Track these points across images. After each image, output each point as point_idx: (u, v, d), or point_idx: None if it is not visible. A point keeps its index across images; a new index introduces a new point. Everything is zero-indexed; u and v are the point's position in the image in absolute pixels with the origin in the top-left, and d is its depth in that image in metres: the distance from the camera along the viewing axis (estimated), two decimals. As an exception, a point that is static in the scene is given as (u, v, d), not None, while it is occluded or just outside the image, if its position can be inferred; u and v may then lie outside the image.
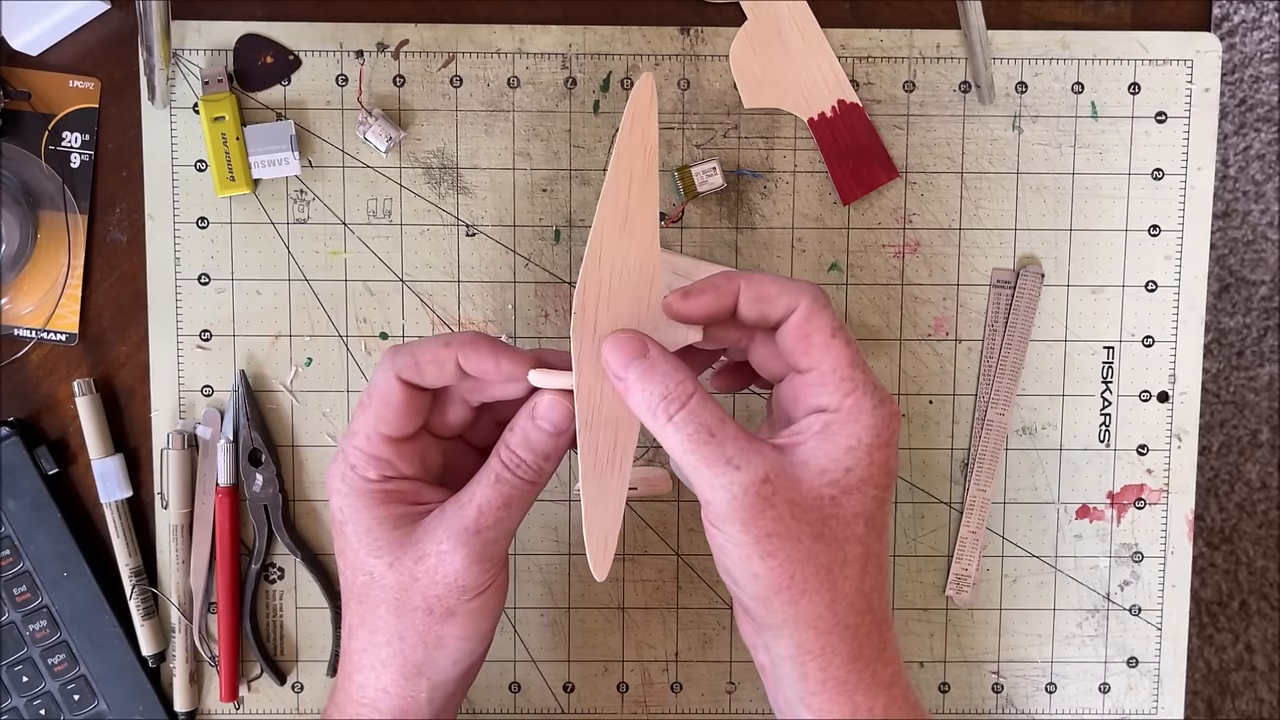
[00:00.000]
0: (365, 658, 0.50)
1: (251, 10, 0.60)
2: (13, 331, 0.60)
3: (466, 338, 0.48)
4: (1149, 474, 0.62)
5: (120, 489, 0.60)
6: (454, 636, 0.49)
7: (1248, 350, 1.34)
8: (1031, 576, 0.63)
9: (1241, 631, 1.34)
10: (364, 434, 0.49)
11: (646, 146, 0.47)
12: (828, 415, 0.46)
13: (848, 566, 0.46)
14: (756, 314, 0.48)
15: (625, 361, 0.46)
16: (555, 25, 0.60)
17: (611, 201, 0.47)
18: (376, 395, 0.48)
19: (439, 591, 0.48)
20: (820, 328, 0.47)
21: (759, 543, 0.45)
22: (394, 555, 0.48)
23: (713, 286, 0.48)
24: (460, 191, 0.60)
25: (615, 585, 0.62)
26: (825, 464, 0.46)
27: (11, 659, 0.61)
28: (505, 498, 0.48)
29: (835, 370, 0.46)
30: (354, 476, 0.49)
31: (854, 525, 0.46)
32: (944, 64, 0.60)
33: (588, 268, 0.47)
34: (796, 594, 0.46)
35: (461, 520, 0.48)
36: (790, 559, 0.45)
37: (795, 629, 0.47)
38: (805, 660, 0.47)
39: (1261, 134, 1.33)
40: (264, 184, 0.60)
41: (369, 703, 0.50)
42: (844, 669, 0.47)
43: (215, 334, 0.61)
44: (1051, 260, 0.61)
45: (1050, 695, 0.63)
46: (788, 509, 0.45)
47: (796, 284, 0.48)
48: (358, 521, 0.49)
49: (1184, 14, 0.61)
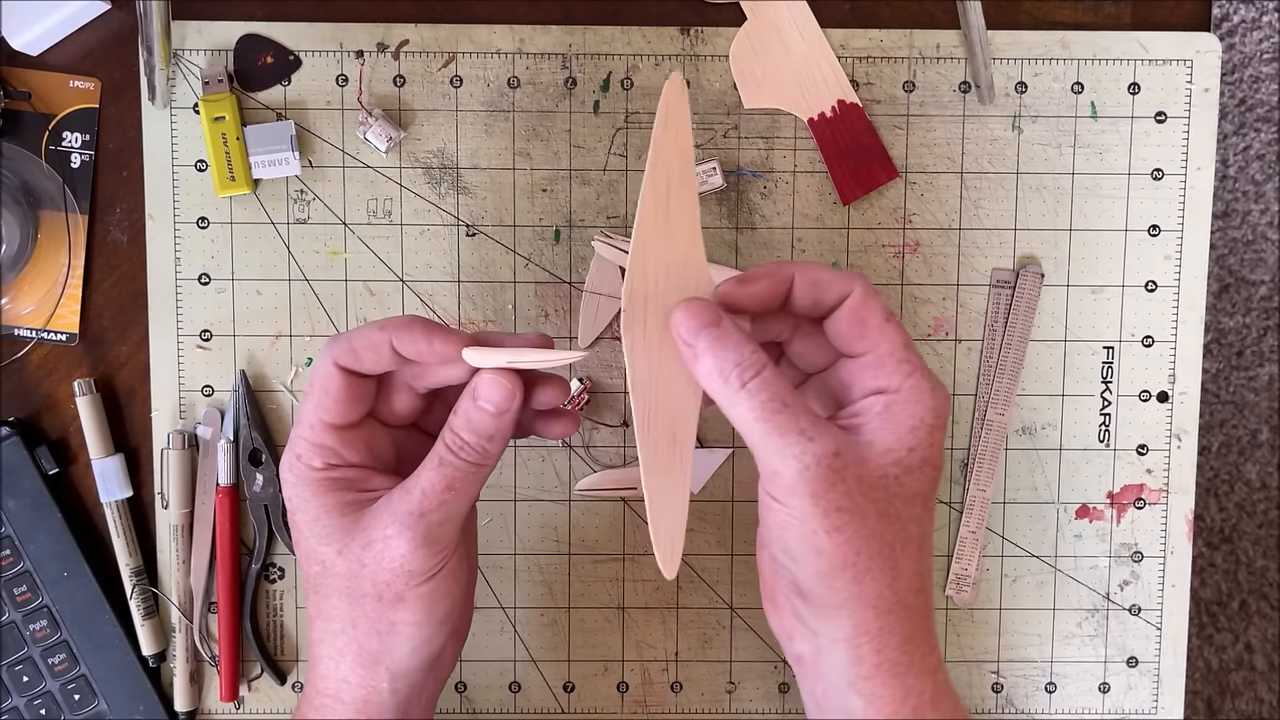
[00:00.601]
0: (324, 647, 0.50)
1: (251, 10, 0.60)
2: (13, 331, 0.60)
3: (401, 320, 0.48)
4: (1149, 474, 0.62)
5: (120, 489, 0.60)
6: (406, 623, 0.49)
7: (1248, 350, 1.34)
8: (1031, 576, 0.63)
9: (1241, 631, 1.34)
10: (307, 423, 0.49)
11: (682, 145, 0.47)
12: (889, 396, 0.46)
13: (908, 546, 0.47)
14: (810, 300, 0.48)
15: (697, 328, 0.46)
16: (555, 25, 0.60)
17: (651, 201, 0.47)
18: (317, 384, 0.48)
19: (386, 577, 0.48)
20: (875, 311, 0.47)
21: (827, 516, 0.45)
22: (342, 542, 0.48)
23: (767, 273, 0.48)
24: (460, 191, 0.60)
25: (615, 585, 0.62)
26: (890, 443, 0.46)
27: (11, 659, 0.61)
28: (449, 480, 0.48)
29: (893, 353, 0.47)
30: (300, 465, 0.49)
31: (914, 505, 0.46)
32: (944, 64, 0.60)
33: (633, 267, 0.47)
34: (861, 571, 0.46)
35: (406, 504, 0.48)
36: (857, 535, 0.45)
37: (856, 608, 0.46)
38: (861, 642, 0.47)
39: (1261, 134, 1.33)
40: (264, 184, 0.60)
41: (332, 693, 0.50)
42: (898, 650, 0.47)
43: (215, 334, 0.61)
44: (1051, 260, 0.61)
45: (1050, 695, 0.63)
46: (856, 485, 0.45)
47: (847, 272, 0.48)
48: (306, 510, 0.49)
49: (1184, 14, 0.61)
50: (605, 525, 0.62)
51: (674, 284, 0.47)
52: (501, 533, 0.62)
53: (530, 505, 0.62)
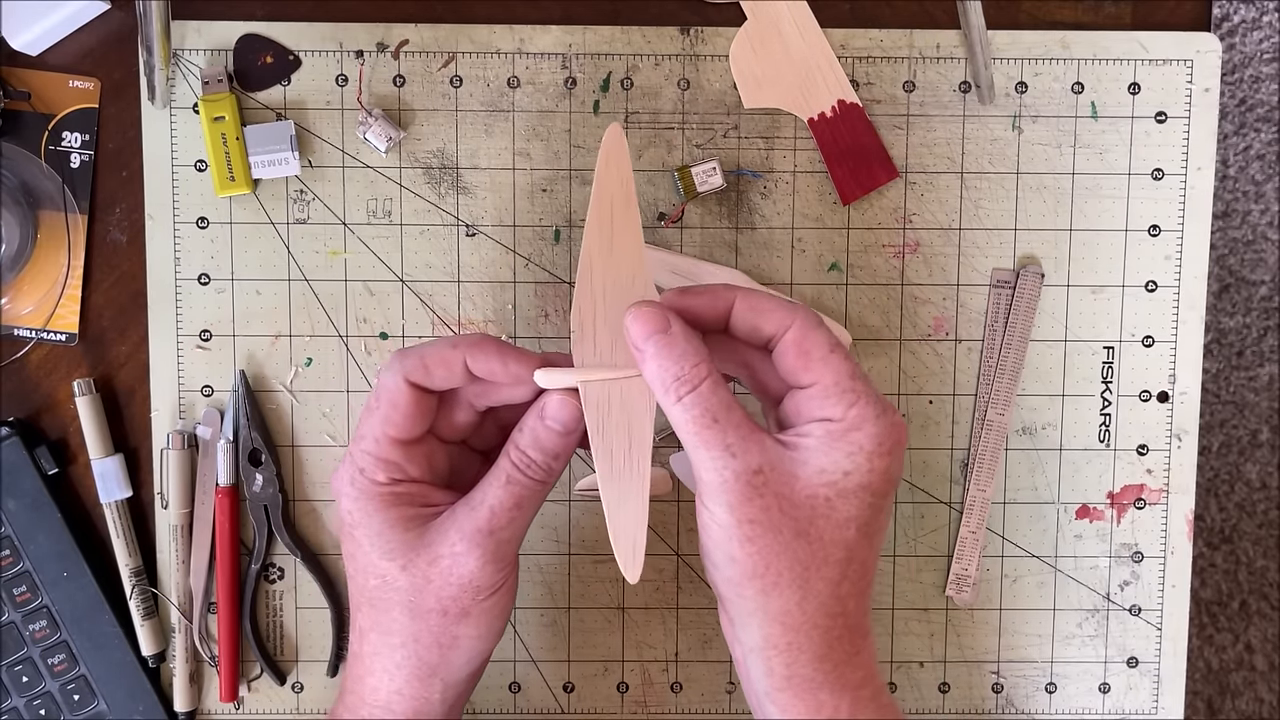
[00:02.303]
0: (378, 660, 0.50)
1: (251, 10, 0.60)
2: (13, 331, 0.60)
3: (473, 339, 0.49)
4: (1149, 474, 0.62)
5: (120, 489, 0.60)
6: (468, 636, 0.50)
7: (1248, 350, 1.34)
8: (1031, 576, 0.63)
9: (1241, 631, 1.34)
10: (372, 437, 0.49)
11: (623, 177, 0.49)
12: (832, 424, 0.47)
13: (825, 568, 0.47)
14: (748, 326, 0.48)
15: (646, 334, 0.47)
16: (555, 25, 0.60)
17: (595, 227, 0.49)
18: (384, 398, 0.49)
19: (453, 592, 0.48)
20: (818, 343, 0.47)
21: (740, 526, 0.46)
22: (407, 558, 0.49)
23: (711, 291, 0.49)
24: (460, 191, 0.60)
25: (615, 585, 0.62)
26: (825, 464, 0.46)
27: (11, 659, 0.61)
28: (517, 498, 0.49)
29: (837, 383, 0.47)
30: (363, 480, 0.49)
31: (845, 529, 0.47)
32: (944, 64, 0.60)
33: (580, 290, 0.49)
34: (769, 584, 0.46)
35: (474, 521, 0.48)
36: (768, 548, 0.46)
37: (764, 620, 0.47)
38: (771, 655, 0.48)
39: (1261, 134, 1.33)
40: (264, 184, 0.60)
41: (382, 704, 0.50)
42: (809, 667, 0.48)
43: (215, 334, 0.61)
44: (1051, 260, 0.61)
45: (1050, 695, 0.63)
46: (776, 501, 0.46)
47: (791, 304, 0.48)
48: (369, 525, 0.49)
49: (1184, 14, 0.61)
50: (605, 525, 0.62)
51: (621, 302, 0.48)
52: (501, 533, 0.62)
53: (530, 505, 0.62)
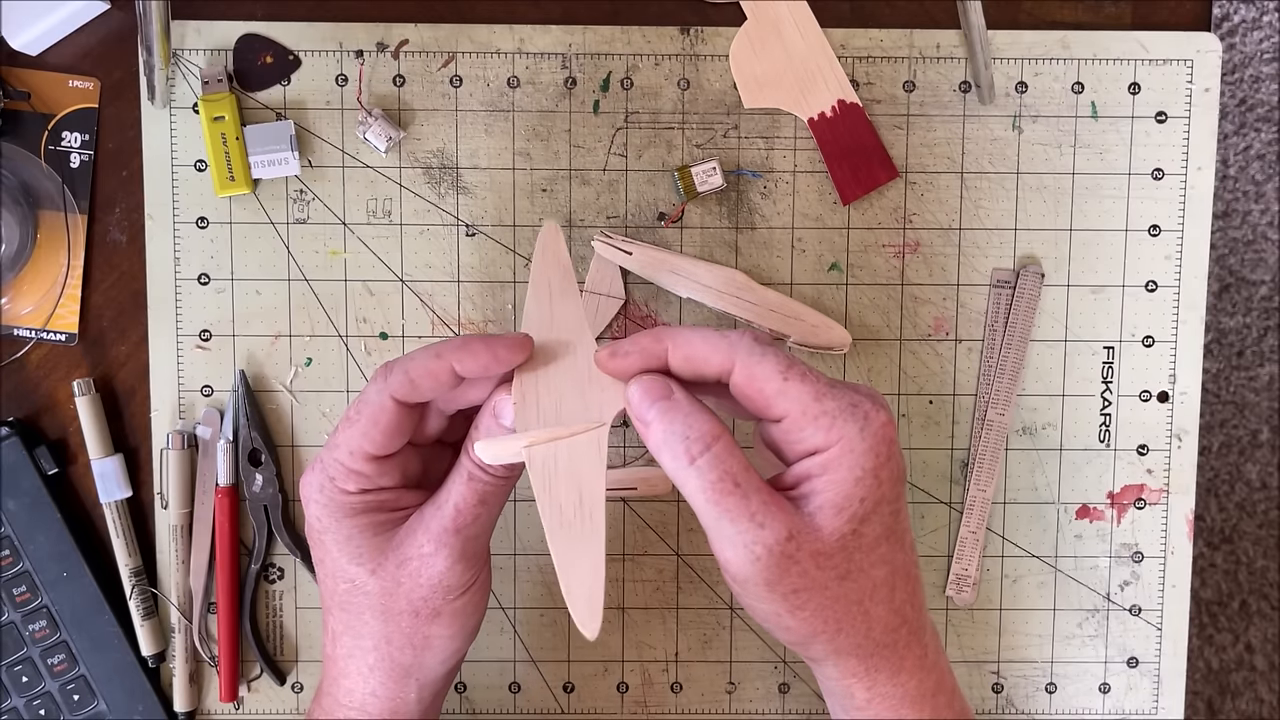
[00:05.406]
0: (352, 663, 0.50)
1: (251, 10, 0.60)
2: (13, 331, 0.60)
3: (456, 343, 0.47)
4: (1149, 474, 0.62)
5: (120, 489, 0.60)
6: (440, 636, 0.49)
7: (1248, 350, 1.34)
8: (1032, 576, 0.63)
9: (1241, 631, 1.34)
10: (347, 449, 0.48)
11: (561, 262, 0.50)
12: (822, 456, 0.45)
13: (877, 591, 0.46)
14: (690, 372, 0.46)
15: (649, 403, 0.45)
16: (555, 25, 0.60)
17: (534, 308, 0.50)
18: (366, 413, 0.47)
19: (424, 594, 0.48)
20: (768, 377, 0.44)
21: (785, 600, 0.45)
22: (375, 562, 0.48)
23: (639, 348, 0.46)
24: (460, 191, 0.60)
25: (615, 585, 0.62)
26: (840, 502, 0.45)
27: (11, 659, 0.61)
28: (480, 494, 0.48)
29: (805, 411, 0.44)
30: (332, 488, 0.48)
31: (877, 548, 0.46)
32: (944, 64, 0.60)
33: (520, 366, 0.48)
34: (832, 634, 0.46)
35: (440, 521, 0.48)
36: (821, 607, 0.45)
37: (838, 660, 0.47)
38: (851, 683, 0.48)
39: (1261, 134, 1.33)
40: (264, 184, 0.60)
41: (357, 706, 0.50)
42: (889, 684, 0.48)
43: (215, 334, 0.61)
44: (1051, 260, 0.61)
45: (1050, 695, 0.63)
46: (812, 560, 0.44)
47: (728, 340, 0.45)
48: (337, 531, 0.49)
49: (1184, 14, 0.61)
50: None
51: (564, 371, 0.48)
52: (501, 533, 0.62)
53: (530, 506, 0.62)
